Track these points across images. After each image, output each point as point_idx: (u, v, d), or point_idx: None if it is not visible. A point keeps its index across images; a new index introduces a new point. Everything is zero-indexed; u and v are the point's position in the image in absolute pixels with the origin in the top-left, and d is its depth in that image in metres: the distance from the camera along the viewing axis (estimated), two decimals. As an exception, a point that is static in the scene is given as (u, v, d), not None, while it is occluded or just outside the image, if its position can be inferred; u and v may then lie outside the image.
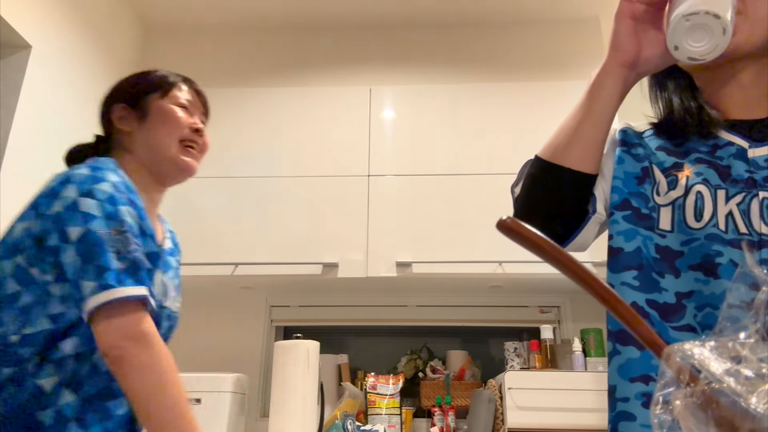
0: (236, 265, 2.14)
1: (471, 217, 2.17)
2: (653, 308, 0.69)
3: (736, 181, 0.70)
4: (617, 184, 0.76)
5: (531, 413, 1.87)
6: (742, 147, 0.72)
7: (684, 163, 0.74)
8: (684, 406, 0.36)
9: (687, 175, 0.72)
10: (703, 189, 0.70)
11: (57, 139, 2.03)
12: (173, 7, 2.61)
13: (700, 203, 0.70)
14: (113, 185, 0.89)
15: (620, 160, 0.78)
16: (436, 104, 2.41)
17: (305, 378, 1.88)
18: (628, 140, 0.80)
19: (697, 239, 0.68)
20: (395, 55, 2.68)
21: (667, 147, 0.77)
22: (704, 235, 0.68)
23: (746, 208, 0.68)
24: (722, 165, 0.72)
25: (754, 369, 0.36)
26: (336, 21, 2.70)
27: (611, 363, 0.72)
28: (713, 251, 0.67)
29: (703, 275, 0.67)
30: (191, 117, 1.10)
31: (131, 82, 1.13)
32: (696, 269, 0.68)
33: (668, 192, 0.72)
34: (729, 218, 0.68)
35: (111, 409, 0.88)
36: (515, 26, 2.68)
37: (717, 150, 0.74)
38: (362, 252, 2.14)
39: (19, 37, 1.88)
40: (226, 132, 2.37)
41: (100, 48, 2.33)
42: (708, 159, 0.73)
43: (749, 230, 0.67)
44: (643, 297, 0.70)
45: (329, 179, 2.27)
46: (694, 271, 0.68)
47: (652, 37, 0.72)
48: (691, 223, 0.70)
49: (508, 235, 0.46)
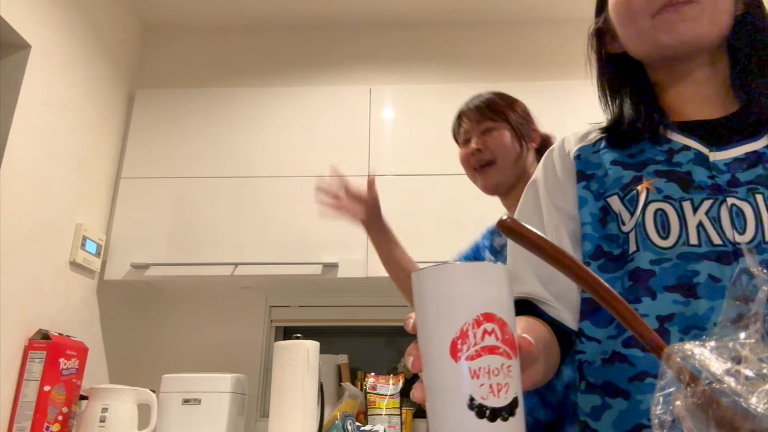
0: (236, 265, 2.14)
1: (471, 217, 2.17)
2: (634, 345, 0.65)
3: (700, 188, 0.67)
4: (587, 230, 0.72)
5: (531, 413, 1.87)
6: (701, 152, 0.70)
7: (642, 176, 0.70)
8: (684, 407, 0.36)
9: (647, 188, 0.69)
10: (665, 206, 0.67)
11: (57, 139, 2.03)
12: (173, 7, 2.61)
13: (663, 219, 0.66)
14: None
15: (583, 200, 0.74)
16: (436, 104, 2.41)
17: (305, 378, 1.88)
18: (585, 170, 0.76)
19: (668, 259, 0.65)
20: (395, 55, 2.68)
21: (623, 160, 0.74)
22: (676, 254, 0.65)
23: (716, 216, 0.65)
24: (682, 172, 0.69)
25: (755, 369, 0.35)
26: (336, 20, 2.69)
27: (603, 418, 0.66)
28: (689, 271, 0.63)
29: (682, 297, 0.63)
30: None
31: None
32: (672, 290, 0.64)
33: (631, 218, 0.69)
34: (700, 229, 0.65)
35: None
36: (515, 26, 2.68)
37: (674, 155, 0.71)
38: (362, 252, 2.14)
39: (19, 37, 1.88)
40: (227, 132, 2.37)
41: (100, 48, 2.33)
42: (666, 169, 0.70)
43: (723, 240, 0.64)
44: (620, 341, 0.66)
45: (329, 179, 2.26)
46: (671, 293, 0.64)
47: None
48: (656, 241, 0.66)
49: (508, 235, 0.46)
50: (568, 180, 0.77)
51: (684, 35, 0.71)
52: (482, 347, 0.36)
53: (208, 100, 2.47)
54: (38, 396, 1.74)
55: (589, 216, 0.73)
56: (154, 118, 2.44)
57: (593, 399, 0.68)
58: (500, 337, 0.37)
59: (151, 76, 2.65)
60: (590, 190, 0.74)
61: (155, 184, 2.31)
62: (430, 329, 0.38)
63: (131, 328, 2.44)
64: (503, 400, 0.36)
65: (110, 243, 2.26)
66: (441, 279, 0.38)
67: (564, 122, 2.29)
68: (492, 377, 0.36)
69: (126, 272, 2.19)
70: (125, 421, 1.89)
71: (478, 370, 0.36)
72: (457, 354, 0.36)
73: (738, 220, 0.64)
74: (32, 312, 1.86)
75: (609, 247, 0.70)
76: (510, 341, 0.38)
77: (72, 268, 2.08)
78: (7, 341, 1.74)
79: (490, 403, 0.36)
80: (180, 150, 2.36)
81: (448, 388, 0.36)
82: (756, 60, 0.74)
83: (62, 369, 1.83)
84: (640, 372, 0.64)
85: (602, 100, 0.83)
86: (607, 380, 0.67)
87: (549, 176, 0.79)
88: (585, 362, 0.70)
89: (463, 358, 0.36)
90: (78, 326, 2.08)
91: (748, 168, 0.67)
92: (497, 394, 0.36)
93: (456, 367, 0.36)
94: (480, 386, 0.36)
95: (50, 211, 1.96)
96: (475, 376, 0.36)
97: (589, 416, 0.68)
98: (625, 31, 0.78)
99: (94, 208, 2.25)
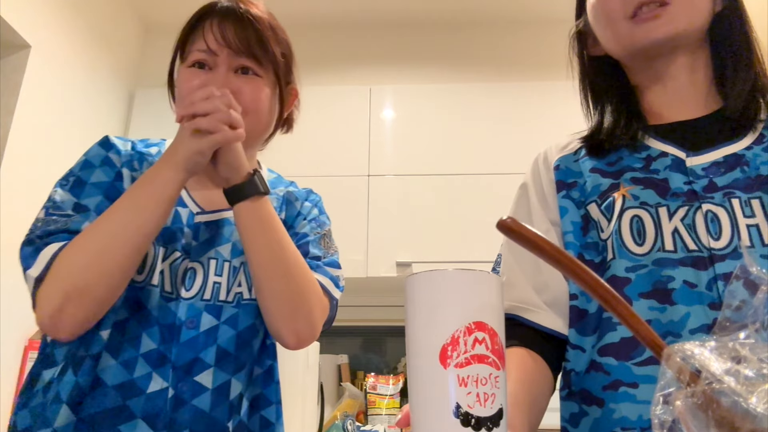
0: (236, 265, 2.14)
1: (471, 217, 2.17)
2: (608, 354, 0.64)
3: (676, 195, 0.66)
4: (569, 239, 0.72)
5: (531, 413, 1.87)
6: (679, 157, 0.69)
7: (620, 183, 0.70)
8: (684, 406, 0.36)
9: (623, 195, 0.69)
10: (641, 212, 0.67)
11: (57, 139, 2.03)
12: (173, 7, 2.61)
13: (638, 226, 0.66)
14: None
15: (563, 210, 0.74)
16: (436, 104, 2.41)
17: (305, 378, 1.88)
18: (565, 179, 0.76)
19: (643, 266, 0.64)
20: (395, 55, 2.68)
21: (601, 168, 0.74)
22: (651, 260, 0.64)
23: (691, 223, 0.64)
24: (659, 179, 0.68)
25: (755, 369, 0.35)
26: (336, 20, 2.69)
27: (580, 425, 0.67)
28: (664, 277, 0.63)
29: (658, 303, 0.63)
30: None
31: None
32: (648, 297, 0.63)
33: (608, 225, 0.69)
34: (676, 235, 0.64)
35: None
36: (515, 26, 2.68)
37: (651, 162, 0.70)
38: (362, 252, 2.14)
39: (19, 37, 1.88)
40: (226, 132, 2.37)
41: (100, 48, 2.33)
42: (643, 177, 0.69)
43: (698, 246, 0.63)
44: (596, 349, 0.66)
45: (329, 179, 2.26)
46: (647, 299, 0.63)
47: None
48: (631, 248, 0.66)
49: (508, 235, 0.46)
50: (550, 191, 0.77)
51: (659, 35, 0.71)
52: (472, 355, 0.36)
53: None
54: (38, 396, 1.75)
55: (571, 225, 0.73)
56: (154, 118, 2.44)
57: (572, 406, 0.69)
58: (490, 346, 0.37)
59: (151, 76, 2.65)
60: (571, 199, 0.75)
61: (155, 184, 2.30)
62: (420, 334, 0.37)
63: (131, 328, 2.44)
64: (489, 410, 0.36)
65: (110, 243, 2.26)
66: (435, 285, 0.38)
67: (564, 122, 2.29)
68: (480, 386, 0.36)
69: (126, 272, 2.19)
70: (125, 421, 1.89)
71: (467, 378, 0.36)
72: (446, 360, 0.36)
73: (713, 226, 0.64)
74: (32, 312, 1.85)
75: (590, 255, 0.70)
76: (499, 352, 0.37)
77: (72, 268, 2.08)
78: (7, 341, 1.74)
79: (476, 412, 0.35)
80: (180, 150, 2.36)
81: (435, 394, 0.36)
82: (734, 56, 0.73)
83: (62, 369, 1.83)
84: (615, 380, 0.63)
85: (584, 105, 0.83)
86: (584, 388, 0.67)
87: (537, 185, 0.80)
88: (571, 371, 0.70)
89: (452, 365, 0.36)
90: (78, 326, 2.08)
91: (726, 171, 0.67)
92: (483, 403, 0.36)
93: (444, 374, 0.36)
94: (467, 394, 0.35)
95: (50, 211, 1.96)
96: (463, 384, 0.35)
97: (568, 423, 0.69)
98: (602, 32, 0.77)
99: (94, 208, 2.25)
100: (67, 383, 0.73)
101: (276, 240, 0.77)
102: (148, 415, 0.73)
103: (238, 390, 0.79)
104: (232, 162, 0.77)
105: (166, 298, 0.78)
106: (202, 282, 0.80)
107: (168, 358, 0.75)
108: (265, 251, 0.77)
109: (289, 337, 0.78)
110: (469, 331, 0.36)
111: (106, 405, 0.72)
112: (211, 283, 0.80)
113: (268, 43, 0.85)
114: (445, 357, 0.36)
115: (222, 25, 0.83)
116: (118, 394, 0.73)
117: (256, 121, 0.85)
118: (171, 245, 0.80)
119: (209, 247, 0.83)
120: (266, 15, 0.88)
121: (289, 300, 0.77)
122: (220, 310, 0.80)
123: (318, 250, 0.91)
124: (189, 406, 0.75)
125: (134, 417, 0.72)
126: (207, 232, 0.84)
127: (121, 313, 0.76)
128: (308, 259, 0.86)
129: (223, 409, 0.77)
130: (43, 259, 0.72)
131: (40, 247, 0.73)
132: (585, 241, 0.71)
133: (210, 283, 0.80)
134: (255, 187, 0.77)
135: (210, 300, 0.80)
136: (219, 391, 0.77)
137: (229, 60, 0.83)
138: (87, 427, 0.71)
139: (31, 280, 0.74)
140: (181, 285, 0.79)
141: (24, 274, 0.74)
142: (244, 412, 0.82)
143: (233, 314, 0.81)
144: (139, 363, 0.74)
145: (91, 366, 0.73)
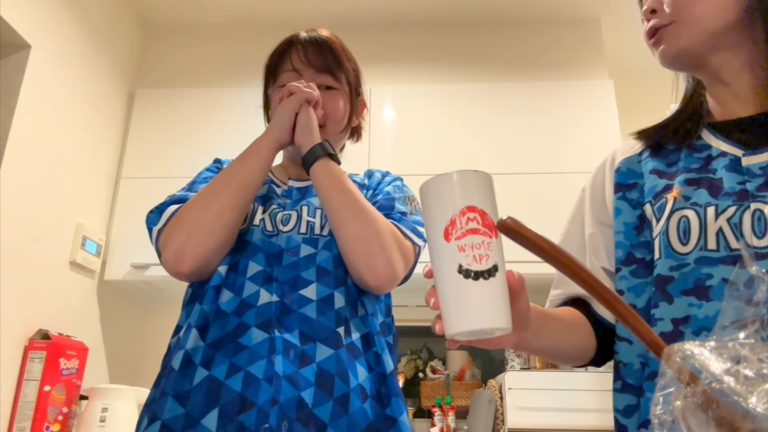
0: (236, 265, 2.14)
1: (471, 217, 2.17)
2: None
3: (728, 194, 0.67)
4: (620, 238, 0.75)
5: (531, 413, 1.87)
6: (736, 156, 0.69)
7: (673, 185, 0.72)
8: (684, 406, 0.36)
9: (674, 197, 0.70)
10: (689, 213, 0.68)
11: (57, 139, 2.03)
12: (173, 7, 2.61)
13: (684, 226, 0.68)
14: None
15: (618, 210, 0.77)
16: (436, 104, 2.41)
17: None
18: (624, 181, 0.79)
19: (686, 264, 0.67)
20: (395, 55, 2.68)
21: (660, 169, 0.75)
22: (693, 259, 0.66)
23: (738, 222, 0.65)
24: (714, 179, 0.69)
25: (754, 369, 0.35)
26: (335, 21, 2.69)
27: (633, 417, 0.71)
28: (704, 275, 0.65)
29: (696, 299, 0.65)
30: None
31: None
32: (688, 294, 0.66)
33: (657, 225, 0.71)
34: (720, 235, 0.65)
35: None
36: (515, 26, 2.68)
37: (711, 162, 0.71)
38: (362, 252, 2.14)
39: (19, 37, 1.88)
40: (227, 132, 2.37)
41: (100, 48, 2.33)
42: (698, 177, 0.70)
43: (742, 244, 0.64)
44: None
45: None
46: (687, 296, 0.66)
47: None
48: (677, 248, 0.68)
49: (508, 235, 0.46)
50: (609, 192, 0.80)
51: (665, 58, 0.75)
52: (467, 230, 0.48)
53: (208, 100, 2.47)
54: (38, 396, 1.74)
55: (623, 225, 0.76)
56: (154, 118, 2.44)
57: (625, 398, 0.72)
58: (480, 222, 0.49)
59: (151, 76, 2.65)
60: (628, 200, 0.77)
61: (155, 184, 2.30)
62: (432, 224, 0.50)
63: (131, 328, 2.44)
64: (484, 265, 0.48)
65: (110, 243, 2.26)
66: (436, 186, 0.52)
67: (564, 122, 2.29)
68: (475, 250, 0.48)
69: (126, 272, 2.19)
70: (125, 421, 1.88)
71: (464, 246, 0.48)
72: (449, 237, 0.49)
73: (759, 225, 0.64)
74: (32, 312, 1.86)
75: (641, 253, 0.73)
76: (489, 225, 0.49)
77: (72, 268, 2.08)
78: (7, 341, 1.74)
79: (473, 268, 0.47)
80: (180, 150, 2.36)
81: (444, 261, 0.49)
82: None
83: (62, 369, 1.83)
84: (652, 372, 0.67)
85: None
86: (633, 380, 0.71)
87: (596, 189, 0.83)
88: (620, 362, 0.73)
89: (453, 239, 0.48)
90: (78, 326, 2.08)
91: None
92: (479, 261, 0.48)
93: (448, 246, 0.48)
94: (466, 257, 0.48)
95: (50, 211, 1.96)
96: (461, 250, 0.48)
97: (621, 413, 0.72)
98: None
99: (94, 208, 2.25)
100: (195, 311, 0.84)
101: (348, 190, 0.88)
102: (260, 323, 0.82)
103: (342, 302, 0.87)
104: (306, 124, 0.91)
105: (268, 235, 0.90)
106: (297, 220, 0.92)
107: (273, 277, 0.86)
108: (338, 199, 0.87)
109: (368, 274, 0.85)
110: (462, 214, 0.49)
111: (227, 329, 0.82)
112: (305, 221, 0.92)
113: (342, 60, 1.02)
114: (448, 234, 0.49)
115: (305, 50, 1.01)
116: (235, 317, 0.83)
117: (334, 124, 1.01)
118: (268, 203, 0.95)
119: (301, 200, 0.96)
120: (337, 39, 1.04)
121: (364, 240, 0.85)
122: (316, 242, 0.90)
123: (404, 206, 0.98)
124: (296, 313, 0.84)
125: (248, 327, 0.81)
126: (298, 194, 0.98)
127: (232, 255, 0.88)
128: (394, 213, 0.95)
129: (330, 317, 0.85)
130: (165, 216, 0.88)
131: (162, 207, 0.90)
132: (638, 240, 0.74)
133: (304, 221, 0.92)
134: (325, 148, 0.91)
135: (306, 233, 0.91)
136: (324, 302, 0.85)
137: (312, 77, 0.99)
138: (211, 350, 0.81)
139: (156, 233, 0.88)
140: (279, 224, 0.92)
141: (149, 233, 0.90)
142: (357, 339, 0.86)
143: (328, 240, 0.90)
144: (247, 285, 0.85)
145: (213, 296, 0.85)
